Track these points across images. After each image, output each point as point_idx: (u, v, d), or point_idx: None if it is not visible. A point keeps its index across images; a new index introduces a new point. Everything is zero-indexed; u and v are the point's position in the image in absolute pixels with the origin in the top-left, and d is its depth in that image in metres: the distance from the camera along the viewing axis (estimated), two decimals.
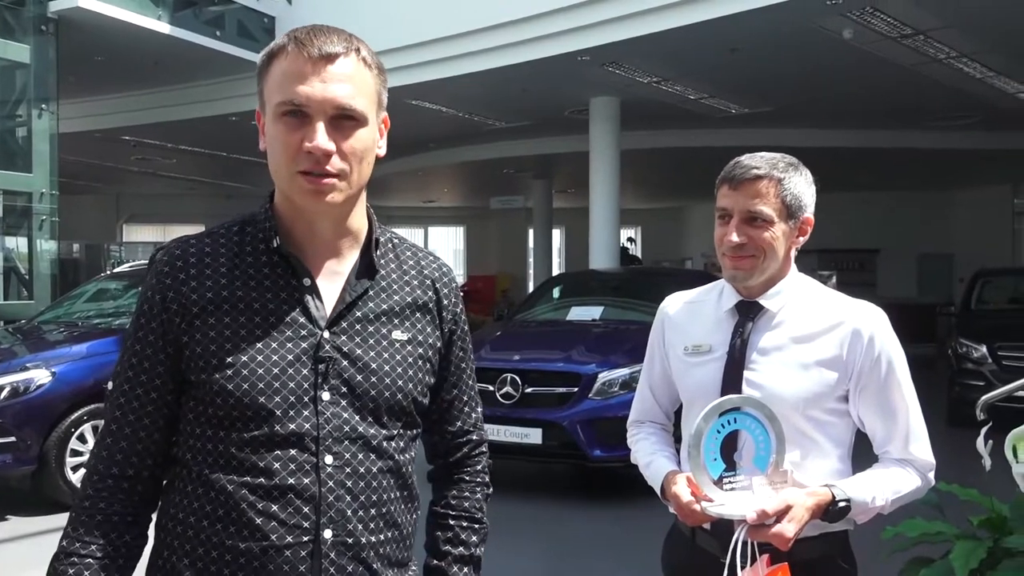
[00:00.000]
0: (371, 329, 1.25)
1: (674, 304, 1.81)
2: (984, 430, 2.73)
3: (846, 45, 8.48)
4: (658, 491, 1.68)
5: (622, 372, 5.69)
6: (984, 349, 8.21)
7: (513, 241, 23.48)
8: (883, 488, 1.57)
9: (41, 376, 5.47)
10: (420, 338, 1.30)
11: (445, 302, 1.35)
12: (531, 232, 20.46)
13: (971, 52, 9.02)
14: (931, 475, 1.65)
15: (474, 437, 1.45)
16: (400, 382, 1.25)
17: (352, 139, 1.19)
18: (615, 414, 5.38)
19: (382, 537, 1.23)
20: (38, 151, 9.08)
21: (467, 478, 1.44)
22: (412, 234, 26.08)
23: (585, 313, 7.01)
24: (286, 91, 1.17)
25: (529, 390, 5.90)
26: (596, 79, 9.95)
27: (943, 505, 2.84)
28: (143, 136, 13.76)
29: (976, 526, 2.67)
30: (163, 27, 9.53)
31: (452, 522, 1.41)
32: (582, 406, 5.69)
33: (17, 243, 9.34)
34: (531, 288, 16.54)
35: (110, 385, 1.27)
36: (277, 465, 1.17)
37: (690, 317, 1.76)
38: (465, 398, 1.42)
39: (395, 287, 1.30)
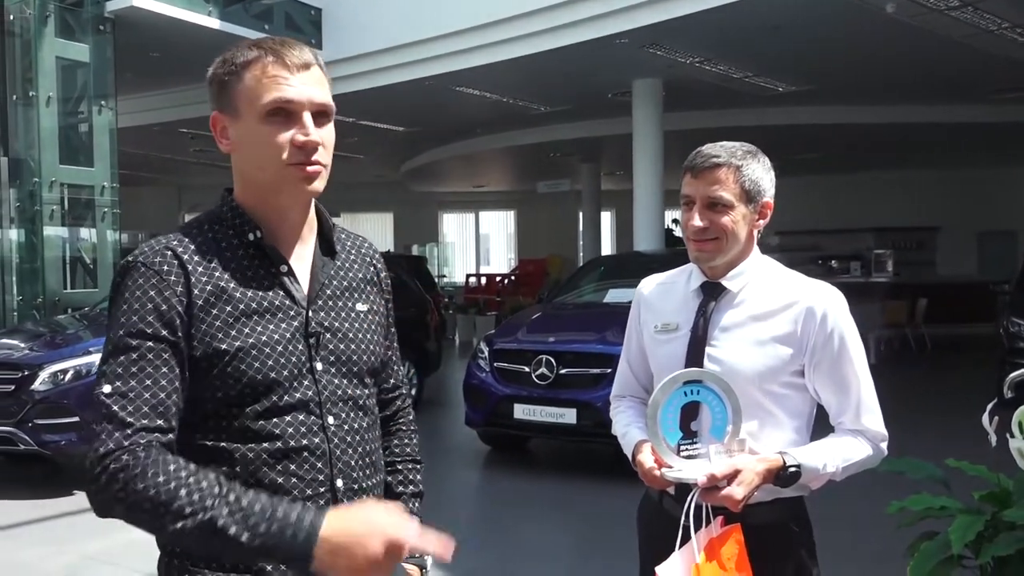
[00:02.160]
0: (340, 303, 1.42)
1: (648, 285, 1.93)
2: (990, 406, 2.75)
3: (891, 19, 8.31)
4: (630, 459, 1.80)
5: None
6: None
7: (563, 224, 23.51)
8: (834, 456, 1.66)
9: None
10: (375, 307, 1.49)
11: (382, 275, 1.55)
12: (580, 215, 20.48)
13: None
14: (883, 445, 1.73)
15: (403, 390, 1.67)
16: (371, 347, 1.44)
17: (327, 131, 1.36)
18: None
19: (374, 481, 1.43)
20: (99, 146, 9.49)
21: (403, 427, 1.65)
22: (463, 219, 26.30)
23: (622, 295, 7.08)
24: (275, 92, 1.31)
25: (564, 371, 6.03)
26: (637, 61, 9.94)
27: (951, 481, 2.88)
28: (199, 128, 14.18)
29: (978, 500, 2.70)
30: (213, 22, 9.83)
31: (400, 466, 1.62)
32: None
33: (86, 234, 9.78)
34: None
35: (108, 388, 1.24)
36: (291, 430, 1.32)
37: (661, 297, 1.87)
38: (395, 357, 1.62)
39: (347, 265, 1.48)
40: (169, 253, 1.31)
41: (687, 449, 1.63)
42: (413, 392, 8.40)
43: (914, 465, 2.87)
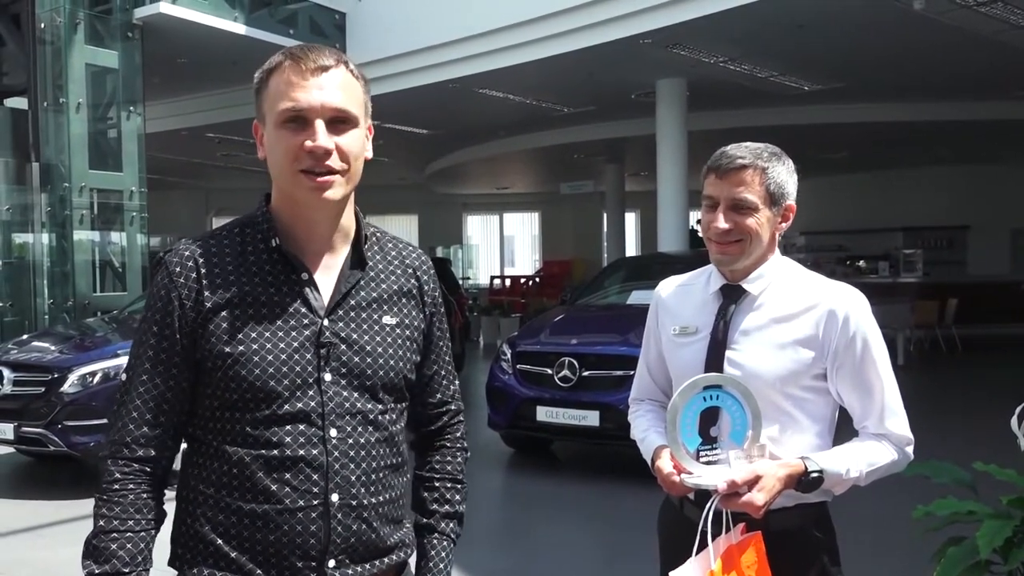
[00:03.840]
0: (364, 315, 1.39)
1: (667, 288, 1.92)
2: (1019, 409, 2.70)
3: (918, 16, 8.19)
4: (649, 464, 1.78)
5: None
6: None
7: (588, 225, 23.46)
8: (858, 461, 1.64)
9: None
10: (407, 321, 1.45)
11: (426, 288, 1.50)
12: (604, 216, 20.41)
13: None
14: (909, 449, 1.70)
15: (452, 407, 1.59)
16: (392, 362, 1.40)
17: (347, 137, 1.34)
18: None
19: (380, 499, 1.38)
20: (127, 151, 9.62)
21: (448, 444, 1.58)
22: (487, 221, 26.32)
23: (645, 297, 7.02)
24: (287, 99, 1.31)
25: (586, 373, 6.00)
26: (661, 61, 9.89)
27: (979, 485, 2.83)
28: (226, 133, 14.35)
29: (1007, 504, 2.65)
30: (239, 28, 9.93)
31: (437, 483, 1.56)
32: None
33: (116, 238, 9.92)
34: None
35: (123, 376, 1.38)
36: (288, 439, 1.32)
37: (680, 300, 1.85)
38: (443, 372, 1.56)
39: (382, 276, 1.44)
40: (187, 255, 1.35)
41: (706, 455, 1.61)
42: None
43: (941, 468, 2.82)
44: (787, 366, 1.67)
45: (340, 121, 1.32)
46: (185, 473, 1.39)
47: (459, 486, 1.57)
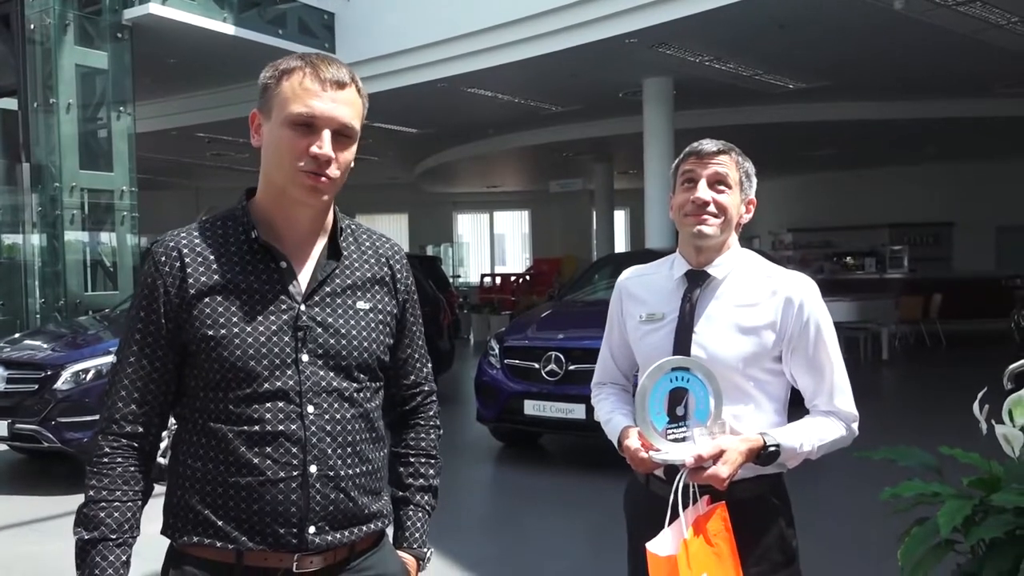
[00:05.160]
0: (339, 301, 1.50)
1: (629, 276, 2.03)
2: (980, 394, 2.82)
3: (899, 16, 8.33)
4: (616, 444, 1.89)
5: None
6: None
7: (577, 223, 23.57)
8: (810, 436, 1.76)
9: None
10: (380, 307, 1.56)
11: (399, 276, 1.61)
12: (594, 214, 20.52)
13: None
14: (855, 425, 1.84)
15: (426, 388, 1.71)
16: (365, 343, 1.51)
17: (345, 152, 1.46)
18: None
19: (357, 471, 1.48)
20: (118, 151, 9.66)
21: (422, 422, 1.70)
22: (478, 219, 26.41)
23: None
24: (302, 104, 1.41)
25: (573, 367, 6.10)
26: (647, 60, 10.01)
27: (946, 469, 2.94)
28: (216, 133, 14.39)
29: (967, 485, 2.76)
30: (228, 28, 10.00)
31: (412, 459, 1.68)
32: None
33: (106, 238, 9.94)
34: None
35: (114, 358, 1.49)
36: (268, 416, 1.42)
37: (644, 288, 1.96)
38: (416, 355, 1.68)
39: (356, 265, 1.55)
40: (172, 245, 1.46)
41: (673, 432, 1.71)
42: None
43: (907, 452, 2.92)
44: (749, 349, 1.79)
45: (344, 135, 1.44)
46: (176, 450, 1.49)
47: (433, 461, 1.69)
